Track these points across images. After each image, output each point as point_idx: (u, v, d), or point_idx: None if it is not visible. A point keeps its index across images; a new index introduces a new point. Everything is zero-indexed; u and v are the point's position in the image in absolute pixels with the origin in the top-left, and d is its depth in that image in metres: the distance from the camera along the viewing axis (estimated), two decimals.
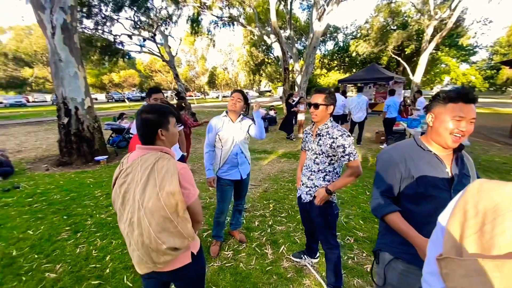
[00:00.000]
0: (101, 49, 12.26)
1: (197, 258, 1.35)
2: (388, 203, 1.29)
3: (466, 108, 1.13)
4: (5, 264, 2.45)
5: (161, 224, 1.13)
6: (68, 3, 5.45)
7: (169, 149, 1.31)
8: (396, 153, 1.33)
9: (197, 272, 1.38)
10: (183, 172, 1.21)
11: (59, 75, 5.64)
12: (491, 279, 0.54)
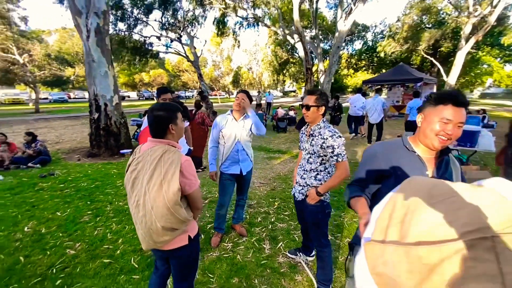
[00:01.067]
0: (133, 50, 13.09)
1: (193, 241, 1.51)
2: (355, 190, 1.33)
3: (455, 112, 1.12)
4: (35, 240, 2.81)
5: (160, 208, 1.30)
6: (102, 9, 5.95)
7: (176, 142, 1.48)
8: (380, 149, 1.35)
9: (191, 254, 1.54)
10: (186, 164, 1.37)
11: (92, 74, 6.18)
12: (400, 263, 0.61)
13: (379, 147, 1.38)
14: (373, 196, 1.36)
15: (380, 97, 7.01)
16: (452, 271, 0.50)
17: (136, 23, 12.20)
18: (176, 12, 12.98)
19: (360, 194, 1.29)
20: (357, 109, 7.84)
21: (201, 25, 15.11)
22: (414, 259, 0.56)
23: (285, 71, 29.97)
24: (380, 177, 1.31)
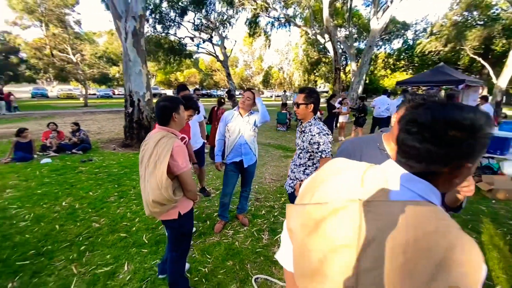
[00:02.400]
0: (168, 50, 14.00)
1: (183, 218, 1.74)
2: None
3: None
4: (69, 213, 3.30)
5: (152, 184, 1.56)
6: (138, 13, 6.55)
7: (176, 130, 1.75)
8: (353, 145, 1.38)
9: (181, 228, 1.78)
10: (177, 149, 1.61)
11: (128, 72, 6.84)
12: (297, 218, 0.74)
13: (353, 143, 1.42)
14: None
15: None
16: (330, 225, 0.62)
17: (172, 24, 13.03)
18: (209, 14, 13.56)
19: None
20: (382, 111, 7.55)
21: (232, 25, 15.61)
22: (305, 214, 0.69)
23: (315, 71, 29.41)
24: None
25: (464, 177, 0.59)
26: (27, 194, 3.83)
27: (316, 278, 0.63)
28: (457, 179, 0.58)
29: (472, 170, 0.59)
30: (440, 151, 0.54)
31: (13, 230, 2.88)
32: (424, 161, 0.57)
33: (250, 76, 35.38)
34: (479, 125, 0.54)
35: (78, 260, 2.40)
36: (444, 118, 0.54)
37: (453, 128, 0.53)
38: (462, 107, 0.56)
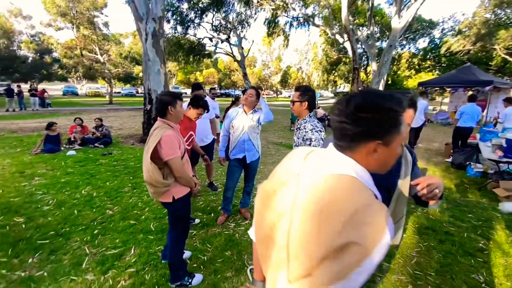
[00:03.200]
0: (188, 50, 14.44)
1: (177, 202, 1.89)
2: None
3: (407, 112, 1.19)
4: (87, 200, 3.57)
5: (144, 167, 1.78)
6: (158, 15, 6.86)
7: (173, 122, 1.91)
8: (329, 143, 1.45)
9: (175, 212, 1.94)
10: (165, 139, 1.75)
11: (147, 71, 7.18)
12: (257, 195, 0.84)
13: (330, 140, 1.47)
14: None
15: (423, 100, 6.44)
16: (279, 196, 0.72)
17: (191, 25, 13.43)
18: (228, 15, 13.82)
19: None
20: None
21: (250, 25, 15.77)
22: (263, 190, 0.80)
23: (335, 71, 28.88)
24: None
25: (383, 156, 0.67)
26: (52, 182, 4.19)
27: (268, 243, 0.73)
28: (374, 155, 0.66)
29: (392, 151, 0.68)
30: (356, 130, 0.64)
31: (37, 213, 3.18)
32: (345, 139, 0.67)
33: (268, 76, 35.45)
34: (383, 107, 0.63)
35: (91, 242, 2.62)
36: (355, 102, 0.64)
37: (361, 110, 0.63)
38: (373, 93, 0.66)
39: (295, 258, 0.64)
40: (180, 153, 1.84)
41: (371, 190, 0.67)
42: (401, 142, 0.69)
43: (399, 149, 0.70)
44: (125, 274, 2.17)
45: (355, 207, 0.58)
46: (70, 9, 19.50)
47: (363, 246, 0.56)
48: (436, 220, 3.28)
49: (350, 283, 0.57)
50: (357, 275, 0.57)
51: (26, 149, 6.19)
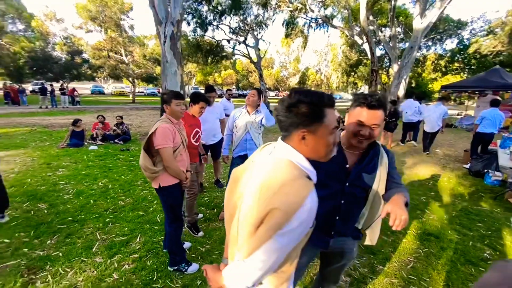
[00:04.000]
0: (206, 52, 14.85)
1: (163, 190, 2.09)
2: None
3: (369, 114, 1.21)
4: (102, 191, 3.86)
5: (141, 153, 2.04)
6: (176, 18, 7.17)
7: (171, 117, 2.12)
8: None
9: (163, 199, 2.18)
10: (160, 130, 1.96)
11: (165, 72, 7.51)
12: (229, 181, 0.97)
13: None
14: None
15: (443, 105, 6.20)
16: (242, 179, 0.89)
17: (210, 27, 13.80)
18: (246, 17, 14.04)
19: None
20: (409, 116, 7.14)
21: (268, 26, 15.87)
22: (232, 176, 0.95)
23: (354, 73, 28.23)
24: None
25: (312, 143, 0.81)
26: (74, 174, 4.56)
27: (231, 222, 0.89)
28: (304, 142, 0.81)
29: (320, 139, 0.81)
30: (287, 121, 0.80)
31: (58, 200, 3.50)
32: (283, 130, 0.83)
33: (286, 77, 35.37)
34: (305, 102, 0.77)
35: (103, 229, 2.86)
36: (284, 99, 0.81)
37: (290, 106, 0.79)
38: (300, 91, 0.81)
39: (241, 229, 0.79)
40: (174, 145, 2.01)
41: (305, 171, 0.80)
42: (328, 133, 0.81)
43: (330, 138, 0.82)
44: (129, 259, 2.36)
45: (283, 182, 0.72)
46: (100, 13, 20.73)
47: (284, 211, 0.69)
48: (440, 227, 3.20)
49: (274, 245, 0.71)
50: (279, 236, 0.70)
51: (54, 143, 6.73)
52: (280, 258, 0.76)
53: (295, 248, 0.81)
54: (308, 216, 0.72)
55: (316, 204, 0.76)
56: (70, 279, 2.09)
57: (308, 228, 0.77)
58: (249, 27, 13.90)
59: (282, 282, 0.85)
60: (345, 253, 1.46)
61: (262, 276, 0.76)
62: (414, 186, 4.63)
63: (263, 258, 0.73)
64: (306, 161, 0.82)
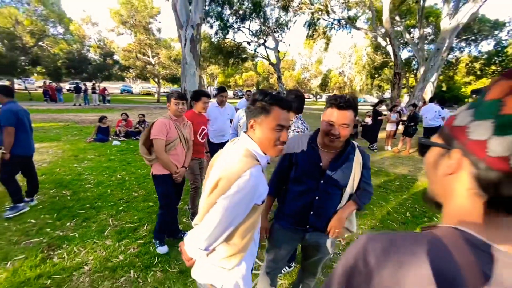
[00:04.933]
0: (227, 54, 15.22)
1: (155, 178, 2.37)
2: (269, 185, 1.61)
3: (338, 114, 1.28)
4: (119, 182, 4.19)
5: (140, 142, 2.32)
6: (196, 22, 7.50)
7: (172, 115, 2.37)
8: (292, 142, 1.56)
9: (155, 186, 2.43)
10: (157, 123, 2.24)
11: (184, 73, 7.88)
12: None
13: (292, 140, 1.56)
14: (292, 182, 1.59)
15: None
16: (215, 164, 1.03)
17: (231, 30, 14.14)
18: (267, 19, 14.20)
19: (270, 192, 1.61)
20: (430, 120, 6.83)
21: (289, 28, 15.89)
22: (210, 164, 1.07)
23: (378, 76, 27.27)
24: (290, 166, 1.54)
25: (259, 132, 0.99)
26: (96, 166, 4.97)
27: None
28: (253, 131, 1.00)
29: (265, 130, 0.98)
30: (248, 113, 1.01)
31: (80, 189, 3.86)
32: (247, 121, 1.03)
33: (307, 79, 35.01)
34: (256, 99, 0.98)
35: (115, 216, 3.13)
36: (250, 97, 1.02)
37: (250, 102, 1.00)
38: (258, 92, 1.01)
39: (201, 201, 1.00)
40: (167, 139, 2.23)
41: (255, 154, 0.98)
42: (271, 127, 0.96)
43: (271, 133, 0.97)
44: (135, 244, 2.59)
45: (232, 160, 0.92)
46: (131, 18, 22.01)
47: (226, 178, 0.88)
48: None
49: (218, 207, 0.88)
50: (222, 199, 0.88)
51: (83, 138, 7.32)
52: (225, 224, 0.90)
53: (245, 223, 0.93)
54: (249, 187, 0.88)
55: (258, 181, 0.91)
56: (82, 257, 2.35)
57: (252, 202, 0.92)
58: (269, 30, 14.03)
59: (232, 254, 0.97)
60: (320, 247, 1.53)
61: (212, 239, 0.92)
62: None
63: (210, 219, 0.90)
64: (258, 147, 0.99)
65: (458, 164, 0.44)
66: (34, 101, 17.01)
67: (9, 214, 2.97)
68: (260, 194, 0.94)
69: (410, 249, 0.42)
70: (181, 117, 2.45)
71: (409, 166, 6.17)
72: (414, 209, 3.81)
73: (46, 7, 21.85)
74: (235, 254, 0.98)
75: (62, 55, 21.87)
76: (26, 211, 3.10)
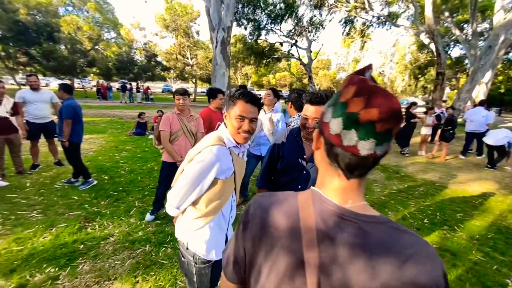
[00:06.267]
0: (259, 54, 15.51)
1: (163, 163, 2.79)
2: (260, 179, 1.78)
3: (312, 109, 1.43)
4: (148, 171, 4.67)
5: None
6: (227, 25, 7.88)
7: (178, 110, 2.72)
8: (279, 137, 1.71)
9: (161, 169, 2.83)
10: (163, 117, 2.63)
11: (214, 74, 8.32)
12: None
13: (279, 134, 1.72)
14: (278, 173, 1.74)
15: None
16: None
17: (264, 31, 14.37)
18: (300, 19, 14.15)
19: (260, 185, 1.79)
20: (473, 125, 6.24)
21: (324, 27, 15.58)
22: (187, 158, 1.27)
23: (420, 76, 25.20)
24: (277, 159, 1.68)
25: (228, 122, 1.19)
26: (132, 156, 5.58)
27: None
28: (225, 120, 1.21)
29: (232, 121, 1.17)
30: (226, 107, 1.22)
31: (116, 174, 4.42)
32: None
33: (343, 79, 33.76)
34: (231, 95, 1.18)
35: (141, 199, 3.55)
36: None
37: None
38: (237, 90, 1.21)
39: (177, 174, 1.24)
40: (171, 130, 2.61)
41: (224, 139, 1.18)
42: (234, 117, 1.15)
43: (235, 121, 1.16)
44: (153, 223, 2.94)
45: (203, 140, 1.17)
46: (173, 22, 23.59)
47: (194, 152, 1.13)
48: (465, 245, 2.91)
49: (185, 173, 1.14)
50: (188, 167, 1.14)
51: (124, 131, 8.19)
52: (188, 187, 1.13)
53: (209, 192, 1.15)
54: (207, 160, 1.11)
55: (218, 158, 1.12)
56: (110, 230, 2.76)
57: (211, 174, 1.13)
58: (302, 29, 13.96)
59: (197, 217, 1.20)
60: None
61: (179, 199, 1.16)
62: (455, 202, 4.18)
63: (179, 182, 1.15)
64: (229, 134, 1.19)
65: (319, 141, 0.58)
66: (88, 99, 19.25)
67: (83, 187, 3.75)
68: (222, 171, 1.14)
69: (276, 199, 0.61)
70: (186, 111, 2.74)
71: (440, 173, 5.74)
72: (435, 216, 3.62)
73: (102, 15, 24.51)
74: (199, 218, 1.19)
75: (113, 57, 24.34)
76: (73, 188, 3.69)
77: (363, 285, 0.47)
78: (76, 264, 2.22)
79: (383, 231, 0.50)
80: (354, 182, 0.54)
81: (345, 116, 0.50)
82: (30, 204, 3.21)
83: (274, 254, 0.55)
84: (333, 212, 0.53)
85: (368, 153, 0.50)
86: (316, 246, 0.51)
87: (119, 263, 2.27)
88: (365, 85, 0.50)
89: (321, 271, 0.50)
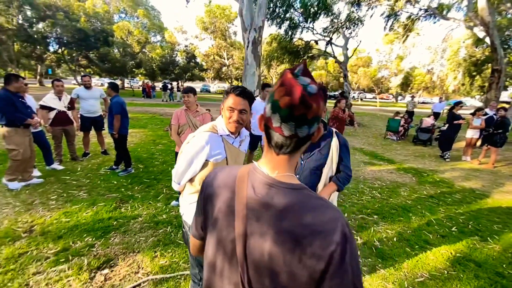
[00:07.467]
0: (292, 53, 15.42)
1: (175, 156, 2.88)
2: None
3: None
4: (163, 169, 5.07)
5: None
6: (259, 25, 8.06)
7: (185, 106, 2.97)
8: None
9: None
10: (174, 113, 2.84)
11: (245, 73, 8.57)
12: None
13: None
14: None
15: None
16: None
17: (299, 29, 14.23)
18: (337, 15, 13.72)
19: None
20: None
21: (363, 23, 14.82)
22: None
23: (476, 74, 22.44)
24: None
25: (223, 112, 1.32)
26: (166, 149, 6.10)
27: None
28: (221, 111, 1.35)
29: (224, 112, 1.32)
30: None
31: (151, 164, 4.90)
32: None
33: (385, 77, 31.64)
34: (226, 89, 1.31)
35: (169, 187, 3.92)
36: None
37: None
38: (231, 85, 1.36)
39: None
40: (178, 124, 2.95)
41: (216, 126, 1.36)
42: (226, 108, 1.30)
43: (226, 112, 1.30)
44: (176, 208, 3.25)
45: (199, 132, 1.34)
46: (212, 24, 24.66)
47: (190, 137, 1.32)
48: (495, 257, 2.67)
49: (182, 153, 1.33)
50: (184, 148, 1.32)
51: (162, 127, 8.91)
52: (185, 165, 1.33)
53: (201, 172, 1.33)
54: (197, 143, 1.29)
55: (208, 142, 1.29)
56: (140, 211, 3.14)
57: (202, 156, 1.30)
58: (338, 26, 13.51)
59: (192, 192, 1.40)
60: None
61: (179, 175, 1.36)
62: (494, 212, 3.79)
63: (178, 161, 1.36)
64: (223, 124, 1.35)
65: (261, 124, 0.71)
66: (135, 97, 21.17)
67: (122, 174, 4.30)
68: (211, 154, 1.31)
69: (227, 168, 0.76)
70: (192, 107, 3.01)
71: (484, 181, 5.19)
72: (466, 225, 3.34)
73: (149, 20, 26.68)
74: (193, 193, 1.38)
75: (157, 59, 26.33)
76: (113, 174, 4.22)
77: (273, 235, 0.59)
78: (109, 237, 2.60)
79: (296, 195, 0.62)
80: (282, 157, 0.66)
81: (272, 102, 0.62)
82: (79, 185, 3.78)
83: (216, 209, 0.69)
84: (261, 179, 0.65)
85: (289, 133, 0.62)
86: (245, 204, 0.64)
87: (143, 239, 2.59)
88: (286, 78, 0.62)
89: (248, 223, 0.63)
